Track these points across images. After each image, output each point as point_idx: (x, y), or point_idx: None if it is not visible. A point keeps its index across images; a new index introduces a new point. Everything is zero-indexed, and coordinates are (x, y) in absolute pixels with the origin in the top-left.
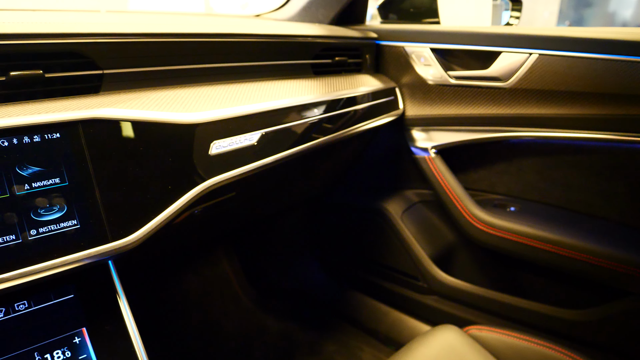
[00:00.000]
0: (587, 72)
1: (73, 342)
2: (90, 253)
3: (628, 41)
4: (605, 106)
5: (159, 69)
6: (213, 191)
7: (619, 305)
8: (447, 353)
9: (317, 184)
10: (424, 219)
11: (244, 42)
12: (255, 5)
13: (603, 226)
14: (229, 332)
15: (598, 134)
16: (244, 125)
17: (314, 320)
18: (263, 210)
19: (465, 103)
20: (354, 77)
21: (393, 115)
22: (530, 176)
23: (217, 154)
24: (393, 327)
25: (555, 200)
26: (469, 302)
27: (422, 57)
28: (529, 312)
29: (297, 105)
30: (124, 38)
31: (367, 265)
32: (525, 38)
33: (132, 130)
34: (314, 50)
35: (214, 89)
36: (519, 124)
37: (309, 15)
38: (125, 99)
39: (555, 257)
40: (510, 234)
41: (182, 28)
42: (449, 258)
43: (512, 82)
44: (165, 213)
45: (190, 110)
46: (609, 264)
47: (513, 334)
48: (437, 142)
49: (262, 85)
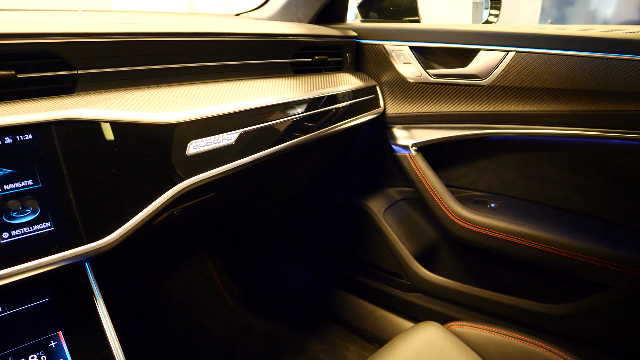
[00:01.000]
0: (562, 69)
1: (49, 346)
2: (65, 255)
3: (602, 38)
4: (581, 103)
5: (135, 68)
6: (192, 192)
7: (597, 299)
8: (428, 349)
9: (299, 183)
10: (406, 216)
11: (223, 41)
12: (235, 4)
13: (581, 221)
14: (212, 333)
15: (574, 130)
16: (222, 125)
17: (298, 320)
18: (245, 210)
19: (445, 101)
20: (334, 76)
21: (374, 113)
22: (509, 173)
23: (195, 154)
24: (377, 324)
25: (534, 196)
26: (452, 298)
27: (402, 56)
28: (510, 307)
29: (275, 104)
30: (99, 38)
31: (350, 264)
32: (502, 36)
33: (107, 131)
34: (293, 49)
35: (192, 88)
36: (498, 121)
37: (288, 14)
38: (100, 100)
39: (535, 253)
40: (490, 230)
41: (158, 27)
42: (431, 255)
43: (490, 80)
44: (142, 214)
45: (166, 110)
46: (587, 258)
47: (494, 330)
48: (418, 139)
49: (241, 84)
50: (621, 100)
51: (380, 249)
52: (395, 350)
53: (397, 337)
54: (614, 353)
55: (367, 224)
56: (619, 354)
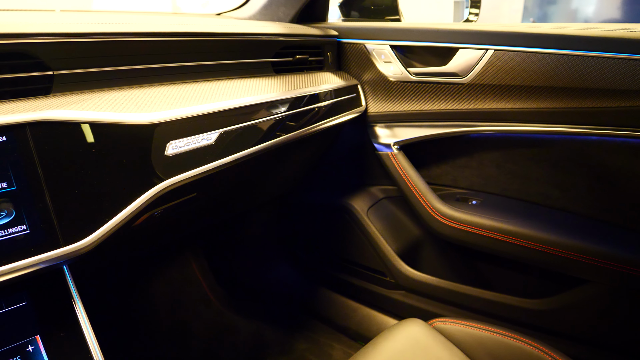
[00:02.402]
0: (540, 66)
1: (26, 350)
2: (42, 258)
3: (578, 36)
4: (559, 100)
5: (112, 69)
6: (172, 192)
7: (576, 293)
8: (411, 346)
9: (283, 183)
10: (390, 214)
11: (202, 41)
12: (216, 4)
13: (560, 217)
14: (198, 334)
15: (553, 127)
16: (202, 125)
17: (284, 319)
18: (228, 210)
19: (425, 99)
20: (315, 75)
21: (355, 112)
22: (490, 170)
23: (174, 155)
24: (362, 323)
25: (515, 193)
26: (435, 295)
27: (383, 54)
28: (492, 303)
29: (256, 104)
30: (75, 38)
31: (335, 263)
32: (481, 34)
33: (83, 132)
34: (274, 49)
35: (171, 88)
36: (478, 119)
37: (269, 13)
38: (76, 100)
39: (516, 249)
40: (472, 227)
41: (136, 27)
42: (414, 253)
43: (470, 78)
44: (121, 216)
45: (144, 111)
46: (566, 253)
47: (476, 325)
48: (400, 138)
49: (221, 84)
50: (597, 97)
51: (364, 248)
52: (378, 347)
53: (381, 335)
54: (594, 346)
55: (350, 223)
56: (599, 347)
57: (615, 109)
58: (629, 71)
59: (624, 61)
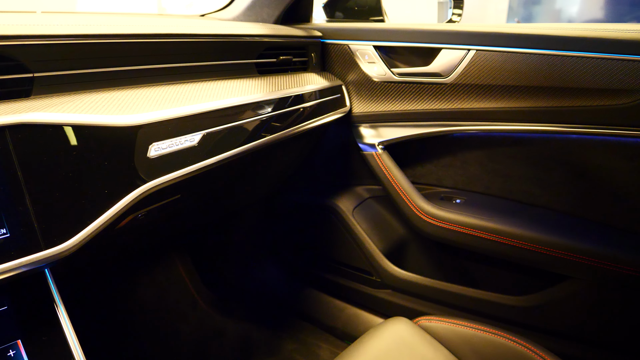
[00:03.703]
0: (521, 66)
1: (7, 355)
2: (22, 262)
3: (557, 36)
4: (539, 99)
5: (94, 71)
6: (155, 194)
7: (559, 290)
8: (397, 345)
9: (268, 184)
10: (375, 214)
11: (185, 42)
12: (201, 5)
13: (542, 214)
14: (185, 337)
15: (534, 126)
16: (185, 127)
17: (271, 320)
18: (213, 211)
19: (409, 99)
20: (300, 76)
21: (340, 112)
22: (473, 168)
23: (156, 156)
24: (349, 322)
25: (497, 191)
26: (421, 294)
27: (367, 55)
28: (477, 300)
29: (239, 105)
30: (56, 40)
31: (321, 263)
32: (463, 35)
33: (64, 135)
34: (257, 50)
35: (154, 90)
36: (461, 118)
37: (253, 14)
38: (57, 103)
39: (499, 246)
40: (456, 225)
41: (118, 29)
42: (400, 252)
43: (452, 78)
44: (103, 218)
45: (126, 113)
46: (548, 250)
47: (461, 323)
48: (384, 138)
49: (204, 85)
50: (576, 96)
51: (350, 247)
52: (364, 347)
53: (366, 334)
54: (576, 341)
55: (336, 223)
56: (581, 342)
57: (594, 107)
58: (607, 70)
59: (601, 60)
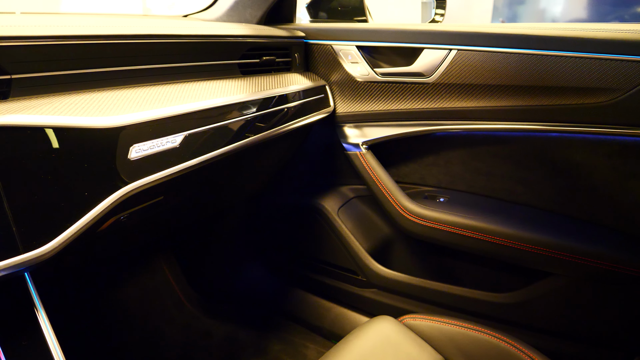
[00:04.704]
0: (501, 65)
1: None
2: (0, 266)
3: (536, 36)
4: (520, 98)
5: (74, 72)
6: (137, 196)
7: (541, 286)
8: (382, 343)
9: (253, 184)
10: (360, 214)
11: (167, 43)
12: (183, 6)
13: (524, 211)
14: (171, 340)
15: (515, 124)
16: (166, 128)
17: (258, 321)
18: (198, 213)
19: (392, 98)
20: (283, 76)
21: (324, 112)
22: (457, 167)
23: (137, 158)
24: (335, 322)
25: (480, 189)
26: (407, 292)
27: (350, 55)
28: (461, 298)
29: (222, 106)
30: (34, 41)
31: (308, 263)
32: (444, 35)
33: (43, 137)
34: (240, 50)
35: (135, 91)
36: (444, 118)
37: (236, 15)
38: (35, 105)
39: (482, 244)
40: (440, 224)
41: (98, 30)
42: (385, 251)
43: (434, 77)
44: (83, 221)
45: (106, 114)
46: (530, 247)
47: (445, 321)
48: (368, 137)
49: (186, 86)
50: (556, 95)
51: (335, 247)
52: (349, 346)
53: (351, 333)
54: (559, 337)
55: (322, 223)
56: (563, 337)
57: (573, 106)
58: (585, 69)
59: (580, 60)
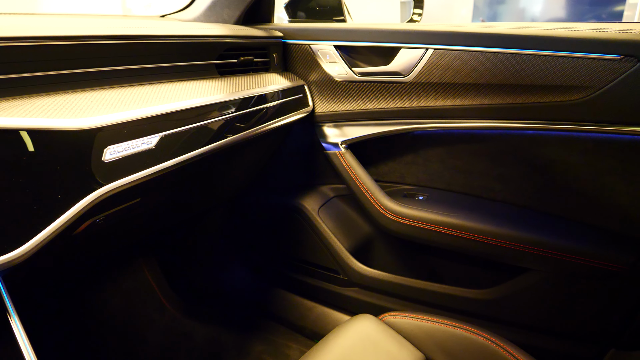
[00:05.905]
0: (477, 64)
1: None
2: None
3: (511, 35)
4: (496, 96)
5: (46, 73)
6: (112, 198)
7: (519, 282)
8: (362, 341)
9: (232, 185)
10: (340, 213)
11: (143, 44)
12: (160, 6)
13: (502, 209)
14: (153, 343)
15: (491, 122)
16: (141, 129)
17: (241, 322)
18: (175, 214)
19: (371, 98)
20: (261, 76)
21: (303, 112)
22: (435, 165)
23: (112, 160)
24: (317, 321)
25: (459, 187)
26: (387, 290)
27: (328, 55)
28: (441, 295)
29: (198, 107)
30: (7, 42)
31: (289, 263)
32: (421, 34)
33: (14, 140)
34: (217, 51)
35: (109, 92)
36: (422, 116)
37: (214, 15)
38: (7, 107)
39: (461, 241)
40: (419, 222)
41: (73, 30)
42: (366, 249)
43: (412, 77)
44: (56, 224)
45: (79, 116)
46: (507, 243)
47: (424, 318)
48: (347, 137)
49: (163, 87)
50: (530, 93)
51: (316, 247)
52: (329, 344)
53: (332, 332)
54: (537, 331)
55: (302, 223)
56: (542, 332)
57: (547, 104)
58: (559, 68)
59: (553, 58)
